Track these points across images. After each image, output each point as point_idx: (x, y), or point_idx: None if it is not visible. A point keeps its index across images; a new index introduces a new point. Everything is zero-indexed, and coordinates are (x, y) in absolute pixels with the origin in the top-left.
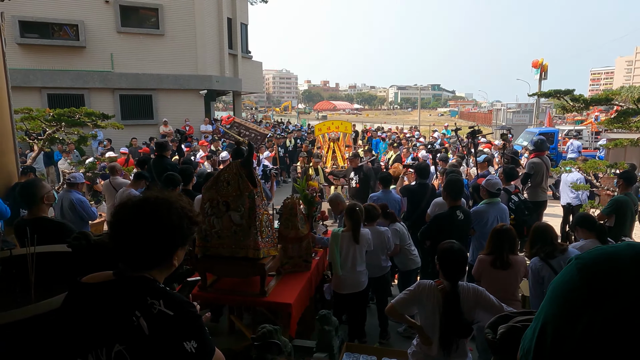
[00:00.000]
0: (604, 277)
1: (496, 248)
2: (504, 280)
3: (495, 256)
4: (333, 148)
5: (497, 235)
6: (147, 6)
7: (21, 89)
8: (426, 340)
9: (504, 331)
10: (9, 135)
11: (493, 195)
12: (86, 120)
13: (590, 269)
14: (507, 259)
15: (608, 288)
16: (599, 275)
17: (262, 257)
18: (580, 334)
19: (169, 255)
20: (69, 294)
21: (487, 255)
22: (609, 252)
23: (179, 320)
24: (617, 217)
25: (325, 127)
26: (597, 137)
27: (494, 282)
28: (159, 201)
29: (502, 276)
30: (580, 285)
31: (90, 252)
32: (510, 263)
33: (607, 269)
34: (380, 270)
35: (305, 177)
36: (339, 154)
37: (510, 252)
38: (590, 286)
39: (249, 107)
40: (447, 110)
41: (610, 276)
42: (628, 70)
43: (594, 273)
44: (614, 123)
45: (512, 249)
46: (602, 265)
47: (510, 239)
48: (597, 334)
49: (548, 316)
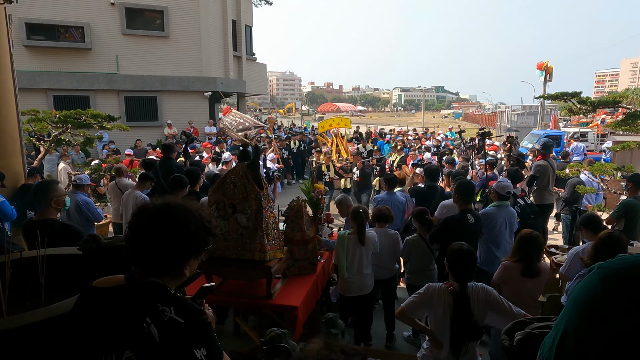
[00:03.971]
0: (628, 286)
1: (525, 255)
2: (531, 288)
3: (525, 264)
4: (337, 143)
5: (527, 242)
6: (153, 8)
7: (27, 90)
8: (437, 344)
9: (522, 338)
10: (16, 136)
11: (503, 198)
12: (92, 122)
13: (614, 278)
14: (537, 267)
15: (632, 298)
16: (623, 284)
17: (268, 260)
18: (604, 344)
19: (181, 264)
20: (80, 297)
21: (514, 262)
22: (632, 261)
23: (189, 328)
24: (627, 221)
25: (327, 124)
26: (602, 140)
27: (521, 290)
28: (179, 208)
29: (529, 284)
30: (603, 295)
31: (101, 255)
32: (539, 271)
33: (631, 278)
34: (388, 272)
35: (311, 179)
36: (342, 147)
37: (538, 259)
38: (614, 296)
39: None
40: (451, 112)
41: (635, 286)
42: (633, 72)
43: (618, 282)
44: (621, 125)
45: (539, 256)
46: (626, 275)
47: (539, 246)
48: (621, 344)
49: (569, 325)
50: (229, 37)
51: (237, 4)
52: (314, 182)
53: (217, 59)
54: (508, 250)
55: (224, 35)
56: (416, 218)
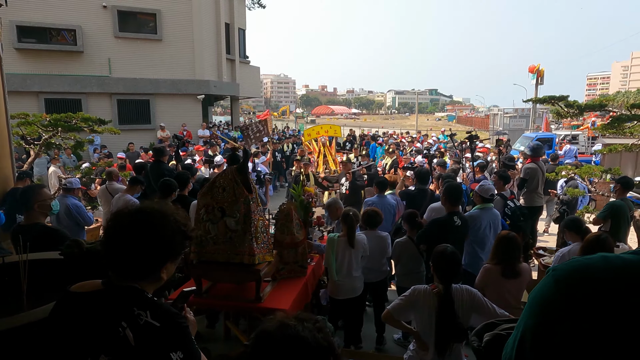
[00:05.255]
0: (580, 288)
1: (506, 256)
2: (513, 289)
3: (505, 265)
4: (324, 153)
5: (506, 243)
6: (145, 11)
7: (18, 93)
8: (423, 346)
9: (489, 339)
10: (5, 140)
11: (486, 201)
12: (83, 126)
13: (567, 280)
14: (518, 268)
15: (583, 299)
16: (575, 286)
17: (257, 263)
18: (557, 343)
19: (158, 268)
20: (57, 303)
21: (495, 264)
22: (584, 264)
23: (165, 331)
24: (613, 222)
25: (314, 132)
26: (593, 142)
27: (503, 292)
28: (154, 212)
29: (511, 285)
30: (557, 297)
31: (83, 260)
32: (519, 272)
33: (583, 280)
34: (379, 275)
35: (300, 183)
36: (330, 158)
37: (518, 260)
38: (567, 297)
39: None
40: (444, 114)
41: (586, 287)
42: (624, 75)
43: (570, 284)
44: (609, 129)
45: (519, 256)
46: (578, 277)
47: (518, 247)
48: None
49: (527, 326)
50: (222, 40)
51: (230, 7)
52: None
53: (210, 61)
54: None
55: (217, 38)
56: (406, 221)
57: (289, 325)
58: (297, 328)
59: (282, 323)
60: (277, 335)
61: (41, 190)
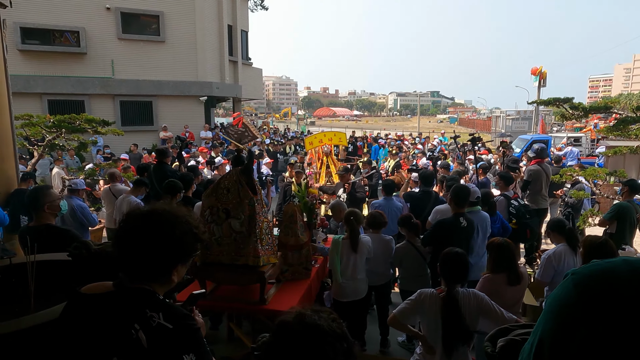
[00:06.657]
0: (601, 293)
1: (508, 264)
2: (517, 294)
3: (509, 272)
4: (327, 163)
5: (505, 250)
6: (148, 13)
7: (22, 95)
8: (429, 349)
9: (504, 344)
10: (9, 141)
11: (472, 204)
12: (86, 127)
13: (587, 284)
14: (520, 273)
15: (604, 304)
16: (596, 291)
17: (261, 265)
18: (577, 349)
19: (169, 270)
20: (67, 304)
21: (496, 274)
22: (605, 267)
23: (178, 334)
24: (619, 224)
25: (317, 140)
26: (595, 145)
27: (509, 299)
28: (166, 214)
29: (515, 291)
30: (576, 301)
31: (91, 261)
32: (522, 276)
33: (604, 284)
34: (382, 278)
35: (304, 185)
36: (333, 169)
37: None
38: (587, 302)
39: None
40: (446, 116)
41: (607, 292)
42: (626, 77)
43: (591, 289)
44: (613, 131)
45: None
46: (598, 281)
47: (514, 253)
48: (593, 349)
49: (545, 331)
50: (225, 42)
51: (233, 9)
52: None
53: (213, 63)
54: (481, 255)
55: (220, 40)
56: (402, 225)
57: (306, 315)
58: (313, 317)
59: (299, 313)
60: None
61: (49, 191)
